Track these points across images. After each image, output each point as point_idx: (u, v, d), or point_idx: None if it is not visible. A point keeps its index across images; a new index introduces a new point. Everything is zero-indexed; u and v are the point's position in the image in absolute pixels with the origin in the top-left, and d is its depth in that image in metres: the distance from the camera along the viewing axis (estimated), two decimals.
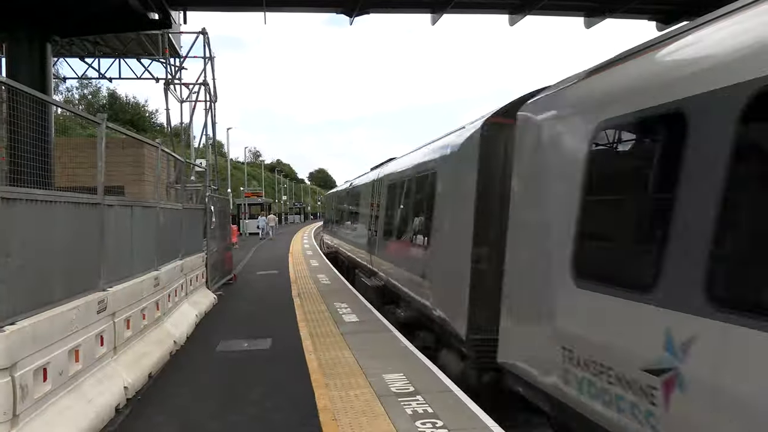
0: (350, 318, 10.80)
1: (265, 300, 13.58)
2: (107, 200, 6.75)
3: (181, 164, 14.12)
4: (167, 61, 21.32)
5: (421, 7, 15.73)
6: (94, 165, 6.80)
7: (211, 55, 21.87)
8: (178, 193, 12.86)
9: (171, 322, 9.20)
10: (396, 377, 6.91)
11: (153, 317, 8.29)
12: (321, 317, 10.97)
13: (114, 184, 12.40)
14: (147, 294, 8.05)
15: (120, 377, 6.48)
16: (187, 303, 10.87)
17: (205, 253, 13.48)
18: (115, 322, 6.70)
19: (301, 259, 24.56)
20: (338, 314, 11.18)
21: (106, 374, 6.26)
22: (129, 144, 17.47)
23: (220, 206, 15.92)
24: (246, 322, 10.87)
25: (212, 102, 21.54)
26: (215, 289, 14.06)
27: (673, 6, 15.67)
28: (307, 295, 13.85)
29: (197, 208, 13.66)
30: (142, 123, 60.07)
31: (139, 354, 7.32)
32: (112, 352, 6.59)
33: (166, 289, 9.21)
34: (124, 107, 59.92)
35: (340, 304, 12.24)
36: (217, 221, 14.83)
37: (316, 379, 7.00)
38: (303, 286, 15.51)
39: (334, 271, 19.46)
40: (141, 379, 6.95)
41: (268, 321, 10.92)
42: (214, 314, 11.87)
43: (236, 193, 51.21)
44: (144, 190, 16.76)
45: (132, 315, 7.33)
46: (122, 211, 7.46)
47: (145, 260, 8.44)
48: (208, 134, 22.54)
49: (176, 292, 10.02)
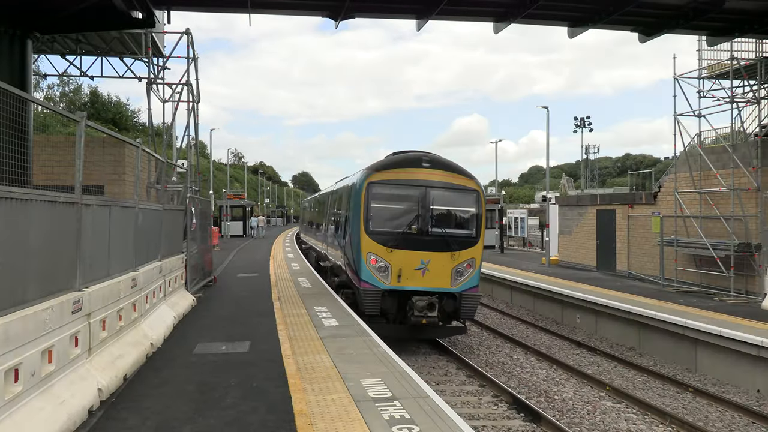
0: (330, 322, 10.78)
1: (244, 303, 13.52)
2: (85, 199, 6.66)
3: (162, 165, 13.99)
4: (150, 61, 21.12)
5: (406, 13, 15.78)
6: (72, 163, 6.71)
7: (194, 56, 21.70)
8: (158, 194, 12.74)
9: (148, 323, 9.10)
10: (374, 382, 6.90)
11: (130, 318, 8.19)
12: (300, 321, 10.94)
13: (94, 184, 12.26)
14: (124, 295, 7.95)
15: (94, 379, 6.38)
16: (165, 304, 10.77)
17: (184, 254, 13.39)
18: (90, 323, 6.61)
19: (283, 262, 24.45)
20: (318, 318, 11.16)
21: (80, 376, 6.16)
22: (110, 143, 17.27)
23: (202, 208, 15.81)
24: (225, 325, 10.81)
25: (195, 102, 21.36)
26: (195, 291, 13.96)
27: (652, 18, 15.93)
28: (288, 299, 13.80)
29: (178, 209, 13.55)
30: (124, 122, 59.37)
31: (115, 355, 7.22)
32: (86, 354, 6.49)
33: (144, 290, 9.11)
34: (106, 106, 59.18)
35: (321, 308, 12.22)
36: (198, 223, 14.73)
37: (293, 383, 6.97)
38: (283, 290, 15.45)
39: (315, 275, 19.40)
40: (116, 381, 6.85)
41: (247, 324, 10.87)
42: (193, 316, 11.79)
43: (218, 194, 50.87)
44: (124, 190, 16.58)
45: (108, 316, 7.23)
46: (101, 211, 7.38)
47: (123, 261, 8.34)
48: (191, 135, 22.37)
49: (154, 293, 9.92)
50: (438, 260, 12.46)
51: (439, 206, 12.77)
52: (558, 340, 15.46)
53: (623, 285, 18.64)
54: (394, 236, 12.56)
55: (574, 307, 17.10)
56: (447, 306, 12.57)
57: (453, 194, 12.91)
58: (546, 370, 12.39)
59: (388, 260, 12.47)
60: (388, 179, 12.81)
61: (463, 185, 12.97)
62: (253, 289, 15.77)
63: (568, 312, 17.54)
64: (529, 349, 14.07)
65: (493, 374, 11.76)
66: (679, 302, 15.27)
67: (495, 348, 14.33)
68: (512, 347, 14.46)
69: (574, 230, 24.64)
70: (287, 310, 12.14)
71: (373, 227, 12.64)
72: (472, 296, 12.62)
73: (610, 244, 22.05)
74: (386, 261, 12.48)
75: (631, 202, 21.40)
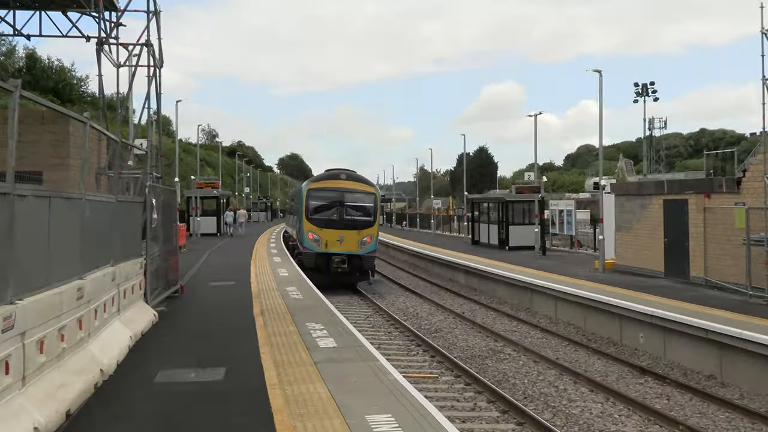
0: (326, 343, 10.78)
1: (219, 318, 13.54)
2: (19, 189, 6.68)
3: (117, 145, 14.02)
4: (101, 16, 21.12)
5: None
6: (4, 144, 6.71)
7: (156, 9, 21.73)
8: (111, 182, 12.78)
9: (98, 345, 9.13)
10: (382, 419, 6.88)
11: (74, 339, 8.22)
12: (289, 341, 10.94)
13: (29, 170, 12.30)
14: (67, 308, 7.97)
15: (29, 415, 6.39)
16: (119, 321, 10.82)
17: (144, 258, 13.46)
18: (24, 345, 6.61)
19: (267, 267, 24.49)
20: (311, 337, 11.17)
21: (12, 411, 6.17)
22: (50, 119, 17.28)
23: (165, 199, 15.86)
24: (194, 347, 10.83)
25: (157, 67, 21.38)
26: (156, 304, 14.03)
27: None
28: (273, 313, 13.82)
29: (135, 201, 13.63)
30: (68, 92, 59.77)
31: (55, 385, 7.24)
32: (19, 383, 6.50)
33: (93, 303, 9.14)
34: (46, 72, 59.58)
35: (314, 325, 12.23)
36: (161, 218, 14.78)
37: (280, 420, 6.96)
38: (268, 302, 15.46)
39: (308, 283, 19.40)
40: (56, 418, 6.87)
41: (223, 345, 10.89)
42: (154, 336, 11.83)
43: (186, 182, 51.08)
44: (68, 177, 16.61)
45: (47, 335, 7.25)
46: (38, 204, 7.40)
47: (66, 266, 8.37)
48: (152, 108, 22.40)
49: (105, 306, 9.96)
50: (350, 235, 25.13)
51: (350, 203, 25.76)
52: (616, 365, 15.39)
53: (699, 295, 18.53)
54: (324, 221, 25.48)
55: (635, 323, 17.00)
56: (355, 263, 25.21)
57: (359, 195, 26.02)
58: (601, 404, 12.34)
59: (320, 235, 25.20)
60: (319, 187, 26.45)
61: (365, 190, 26.26)
62: (230, 302, 15.79)
63: (628, 330, 17.44)
64: (580, 377, 14.01)
65: (534, 409, 11.72)
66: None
67: (535, 376, 14.28)
68: (558, 374, 14.40)
69: (635, 226, 24.51)
70: (273, 328, 12.14)
71: (311, 216, 25.69)
72: (371, 256, 25.79)
73: (682, 243, 21.91)
74: (319, 236, 25.20)
75: (708, 191, 21.21)
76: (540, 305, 22.43)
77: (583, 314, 19.66)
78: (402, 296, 25.75)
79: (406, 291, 27.33)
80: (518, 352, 16.49)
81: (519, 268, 25.83)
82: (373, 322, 19.80)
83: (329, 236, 24.95)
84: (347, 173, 26.70)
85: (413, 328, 18.58)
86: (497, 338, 17.87)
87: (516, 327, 19.63)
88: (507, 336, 18.00)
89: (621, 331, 17.77)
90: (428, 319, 20.79)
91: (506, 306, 23.19)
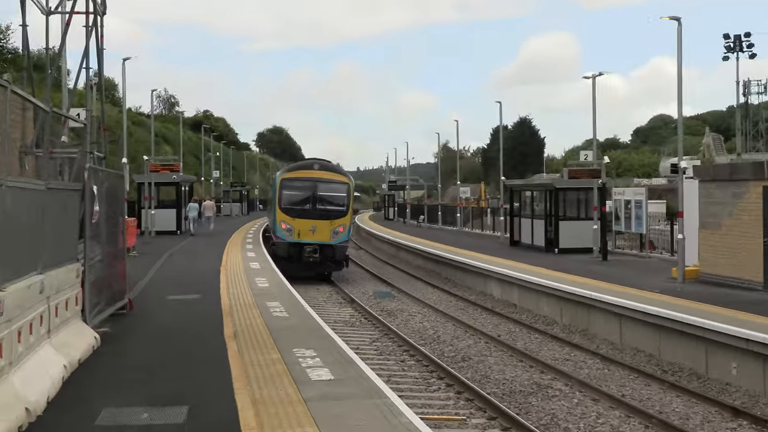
0: (319, 374, 10.79)
1: (179, 342, 13.54)
2: None
3: (46, 116, 14.02)
4: None
5: None
6: None
7: None
8: (39, 164, 12.80)
9: (21, 376, 9.13)
10: None
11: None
12: (272, 372, 10.95)
13: None
14: None
15: None
16: (50, 345, 10.82)
17: (81, 263, 13.48)
18: None
19: (242, 275, 24.48)
20: (300, 367, 11.18)
21: None
22: None
23: (110, 186, 15.87)
24: (147, 379, 10.83)
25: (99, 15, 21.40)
26: (98, 324, 14.05)
27: None
28: (251, 335, 13.81)
29: (71, 189, 13.63)
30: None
31: None
32: None
33: (15, 323, 9.13)
34: None
35: (304, 351, 12.21)
36: (104, 211, 14.78)
37: None
38: (243, 321, 15.45)
39: (295, 297, 19.40)
40: None
41: (184, 377, 10.90)
42: (96, 364, 11.84)
43: (136, 164, 51.20)
44: None
45: None
46: None
47: None
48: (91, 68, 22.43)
49: (32, 327, 9.95)
50: (322, 225, 31.49)
51: (322, 193, 32.41)
52: (700, 405, 15.33)
53: None
54: (297, 211, 32.01)
55: (726, 349, 16.93)
56: (328, 252, 31.64)
57: (332, 185, 32.76)
58: None
59: (292, 225, 31.45)
60: (293, 177, 33.36)
61: (338, 179, 33.17)
62: (194, 321, 15.79)
63: (715, 358, 17.38)
64: (653, 420, 13.98)
65: None
66: None
67: (594, 418, 14.26)
68: (623, 417, 14.37)
69: (726, 222, 24.39)
70: (250, 355, 12.13)
71: (284, 206, 32.25)
72: (343, 246, 32.33)
73: None
74: (291, 225, 31.46)
75: None
76: (600, 326, 22.38)
77: (657, 338, 19.60)
78: (418, 314, 25.76)
79: (424, 306, 27.35)
80: (571, 388, 16.46)
81: (572, 277, 25.77)
82: (380, 347, 19.83)
83: (302, 226, 31.43)
84: (320, 163, 34.22)
85: (433, 355, 18.59)
86: (544, 369, 17.84)
87: (568, 354, 19.60)
88: (556, 366, 17.97)
89: (707, 359, 17.71)
90: (453, 343, 20.79)
91: (555, 327, 23.16)
